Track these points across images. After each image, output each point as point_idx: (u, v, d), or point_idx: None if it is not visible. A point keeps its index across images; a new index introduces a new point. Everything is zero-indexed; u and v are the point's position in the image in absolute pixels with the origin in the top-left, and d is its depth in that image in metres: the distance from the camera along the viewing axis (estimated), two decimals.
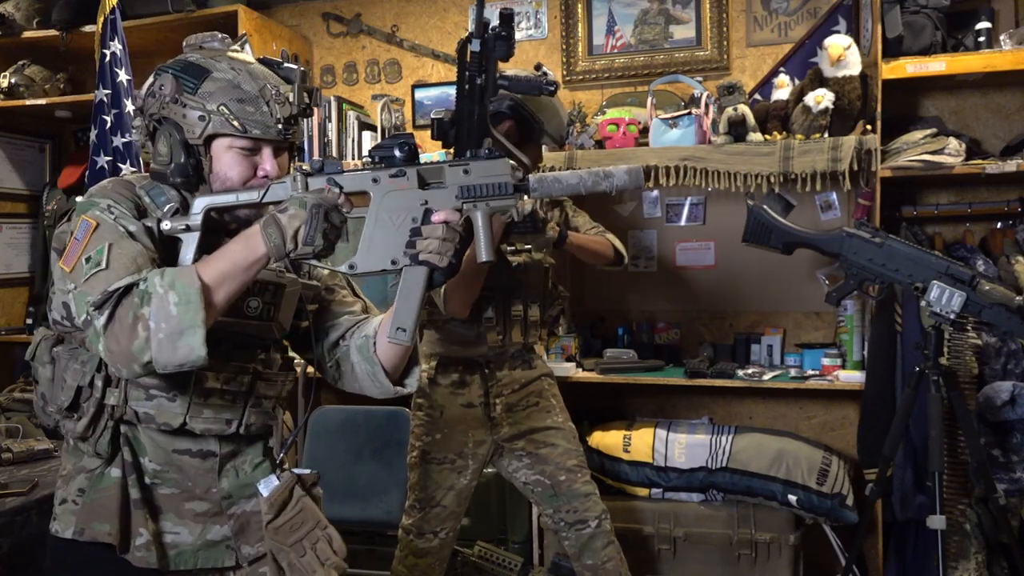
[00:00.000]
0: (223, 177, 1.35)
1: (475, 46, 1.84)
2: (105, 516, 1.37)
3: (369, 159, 1.35)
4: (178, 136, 1.32)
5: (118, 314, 1.20)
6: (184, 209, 1.35)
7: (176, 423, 1.37)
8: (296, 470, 1.48)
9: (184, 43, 1.41)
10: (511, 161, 1.62)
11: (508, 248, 2.18)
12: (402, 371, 1.45)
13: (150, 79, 1.36)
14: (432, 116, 2.01)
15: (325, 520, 1.46)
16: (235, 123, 1.31)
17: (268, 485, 1.42)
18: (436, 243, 1.24)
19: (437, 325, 2.23)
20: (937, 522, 2.18)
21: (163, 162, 1.35)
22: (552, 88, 2.01)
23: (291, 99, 1.35)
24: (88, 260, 1.25)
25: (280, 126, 1.33)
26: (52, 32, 3.47)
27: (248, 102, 1.32)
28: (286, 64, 1.41)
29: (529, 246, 2.27)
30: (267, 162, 1.35)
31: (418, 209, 1.27)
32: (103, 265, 1.23)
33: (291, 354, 1.56)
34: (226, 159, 1.34)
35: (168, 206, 1.35)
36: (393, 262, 1.26)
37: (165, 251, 1.34)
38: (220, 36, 1.41)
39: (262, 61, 1.41)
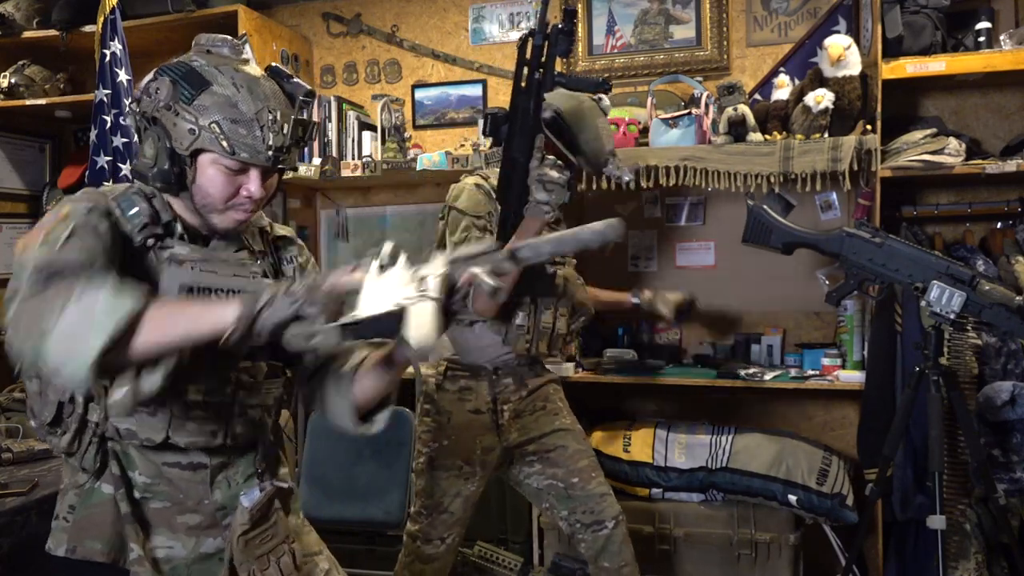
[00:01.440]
0: (204, 192, 1.33)
1: (538, 40, 1.86)
2: (96, 533, 1.35)
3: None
4: (166, 142, 1.30)
5: (51, 286, 1.15)
6: (154, 221, 1.34)
7: (159, 438, 1.34)
8: (277, 482, 1.46)
9: (194, 41, 1.37)
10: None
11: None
12: (372, 409, 1.42)
13: (149, 76, 1.34)
14: (486, 112, 2.01)
15: (292, 535, 1.45)
16: (224, 143, 1.28)
17: (251, 497, 1.40)
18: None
19: (463, 325, 2.20)
20: (937, 522, 2.18)
21: (147, 164, 1.33)
22: (608, 86, 2.02)
23: (285, 130, 1.32)
24: (47, 237, 1.21)
25: (270, 153, 1.31)
26: (52, 32, 3.47)
27: (241, 123, 1.28)
28: (295, 79, 1.39)
29: (563, 259, 2.26)
30: (252, 183, 1.33)
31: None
32: (56, 245, 1.20)
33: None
34: (209, 174, 1.32)
35: (137, 220, 1.32)
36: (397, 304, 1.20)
37: (135, 264, 1.31)
38: (232, 42, 1.37)
39: (271, 71, 1.38)
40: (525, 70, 1.93)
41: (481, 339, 2.20)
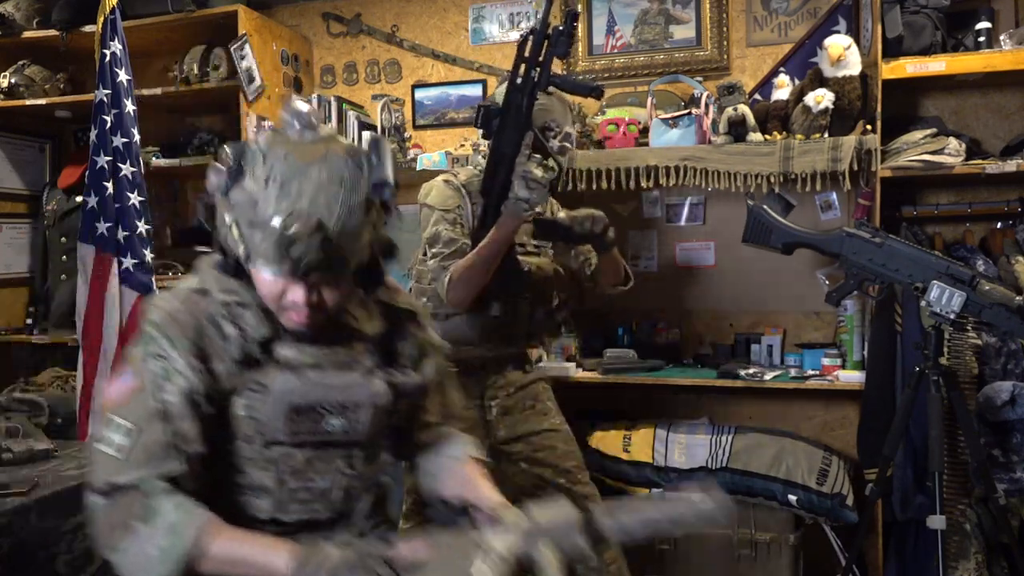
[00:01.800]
0: (260, 293, 1.24)
1: (538, 38, 1.88)
2: None
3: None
4: (224, 239, 1.24)
5: (119, 503, 1.18)
6: (250, 336, 1.26)
7: (264, 516, 1.31)
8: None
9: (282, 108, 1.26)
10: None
11: (519, 248, 2.17)
12: None
13: (214, 168, 1.24)
14: (480, 104, 2.03)
15: None
16: (241, 248, 1.19)
17: None
18: None
19: (439, 320, 2.22)
20: (937, 522, 2.18)
21: (218, 248, 1.27)
22: (600, 91, 2.01)
23: (314, 244, 1.14)
24: (111, 427, 1.21)
25: (295, 265, 1.15)
26: (52, 32, 3.48)
27: (257, 227, 1.15)
28: (380, 163, 1.20)
29: (540, 245, 2.27)
30: (292, 291, 1.20)
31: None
32: (120, 454, 1.19)
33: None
34: (261, 279, 1.21)
35: (232, 348, 1.25)
36: None
37: (248, 363, 1.26)
38: (308, 114, 1.21)
39: (370, 143, 1.21)
40: (523, 68, 1.95)
41: (455, 335, 2.20)
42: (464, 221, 2.16)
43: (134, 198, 2.80)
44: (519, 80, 1.95)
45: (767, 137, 2.73)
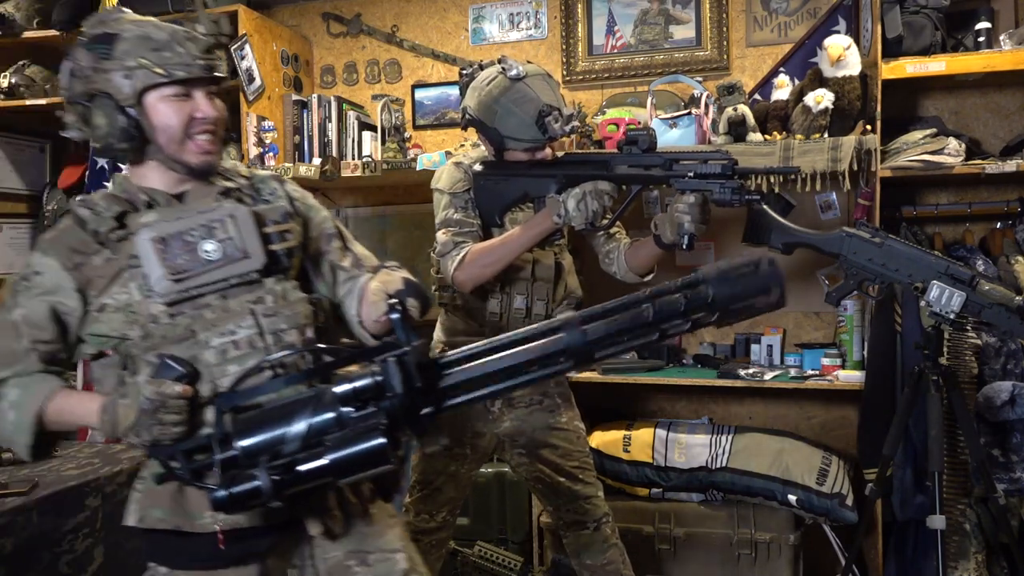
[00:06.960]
0: (164, 128, 1.40)
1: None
2: (158, 502, 1.39)
3: None
4: (112, 103, 1.37)
5: None
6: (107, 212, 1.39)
7: (206, 390, 1.37)
8: None
9: (83, 25, 1.44)
10: None
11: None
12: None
13: (63, 69, 1.41)
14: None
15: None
16: (159, 70, 1.37)
17: None
18: None
19: (447, 311, 2.26)
20: (937, 522, 2.18)
21: (104, 134, 1.39)
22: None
23: (200, 30, 1.44)
24: None
25: (200, 61, 1.41)
26: (52, 32, 3.47)
27: (163, 48, 1.38)
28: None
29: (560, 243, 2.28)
30: (202, 104, 1.42)
31: None
32: None
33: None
34: (161, 110, 1.39)
35: (95, 223, 1.38)
36: None
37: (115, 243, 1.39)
38: (117, 5, 1.45)
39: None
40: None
41: (462, 326, 2.24)
42: (473, 205, 2.18)
43: None
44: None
45: (767, 137, 2.73)
